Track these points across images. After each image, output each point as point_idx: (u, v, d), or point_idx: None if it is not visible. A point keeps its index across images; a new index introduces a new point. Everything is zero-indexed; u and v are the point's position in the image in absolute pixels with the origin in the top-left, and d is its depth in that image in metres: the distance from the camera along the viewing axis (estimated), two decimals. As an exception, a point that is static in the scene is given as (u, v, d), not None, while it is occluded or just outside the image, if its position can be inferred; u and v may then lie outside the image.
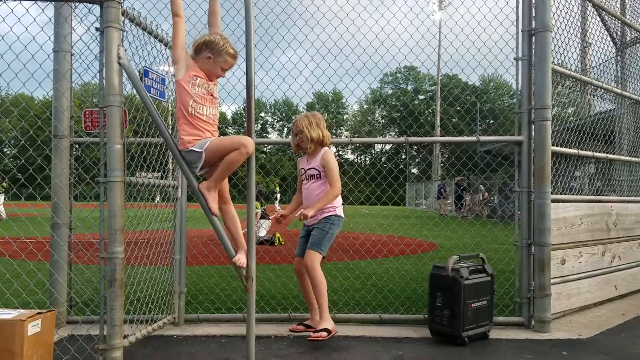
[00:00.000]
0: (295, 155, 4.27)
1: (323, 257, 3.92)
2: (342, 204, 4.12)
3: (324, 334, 3.69)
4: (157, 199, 4.36)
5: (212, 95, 3.10)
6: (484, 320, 3.91)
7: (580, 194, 5.07)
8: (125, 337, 3.23)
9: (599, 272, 4.93)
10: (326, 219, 3.95)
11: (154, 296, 4.01)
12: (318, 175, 4.00)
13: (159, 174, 4.15)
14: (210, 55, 3.06)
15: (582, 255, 4.71)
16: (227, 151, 2.95)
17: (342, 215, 4.06)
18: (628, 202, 5.57)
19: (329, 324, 3.78)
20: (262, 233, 10.65)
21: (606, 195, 5.45)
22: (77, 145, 4.10)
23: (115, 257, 3.05)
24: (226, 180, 3.15)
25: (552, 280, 4.24)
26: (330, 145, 4.13)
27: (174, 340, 3.86)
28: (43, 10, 3.50)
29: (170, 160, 4.29)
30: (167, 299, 4.19)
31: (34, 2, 3.23)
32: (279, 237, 10.62)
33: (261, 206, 11.12)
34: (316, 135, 3.99)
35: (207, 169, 3.08)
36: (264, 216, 10.92)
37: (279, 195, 29.80)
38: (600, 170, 5.48)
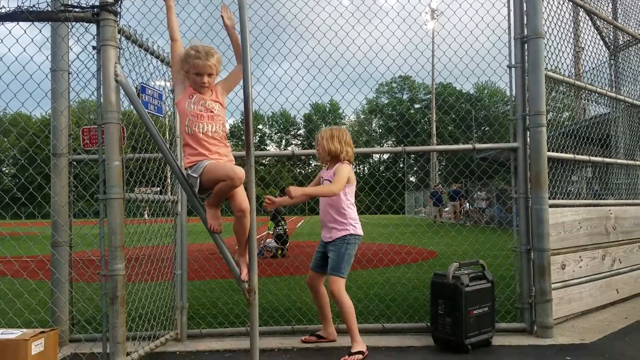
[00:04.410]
0: (297, 165, 4.19)
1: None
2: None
3: (360, 356, 3.68)
4: (145, 215, 4.35)
5: (210, 111, 3.03)
6: (486, 327, 3.91)
7: (578, 198, 5.09)
8: (128, 354, 3.23)
9: (600, 276, 4.94)
10: (342, 239, 3.85)
11: (156, 312, 4.01)
12: None
13: (158, 189, 4.16)
14: (185, 69, 3.04)
15: (582, 260, 4.72)
16: (218, 180, 2.90)
17: (360, 232, 3.92)
18: (626, 205, 5.59)
19: (362, 346, 3.75)
20: (272, 245, 10.60)
21: (604, 198, 5.47)
22: (75, 163, 4.12)
23: (116, 274, 3.05)
24: (242, 192, 3.01)
25: (553, 285, 4.25)
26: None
27: (177, 357, 3.85)
28: (40, 31, 3.53)
29: (169, 175, 4.31)
30: (169, 315, 4.18)
31: (31, 22, 3.26)
32: (281, 251, 10.57)
33: (275, 226, 10.90)
34: (333, 148, 3.89)
35: (210, 191, 3.06)
36: (279, 235, 10.69)
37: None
38: (597, 174, 5.50)
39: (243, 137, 3.02)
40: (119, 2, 3.13)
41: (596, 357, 3.61)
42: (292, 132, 72.62)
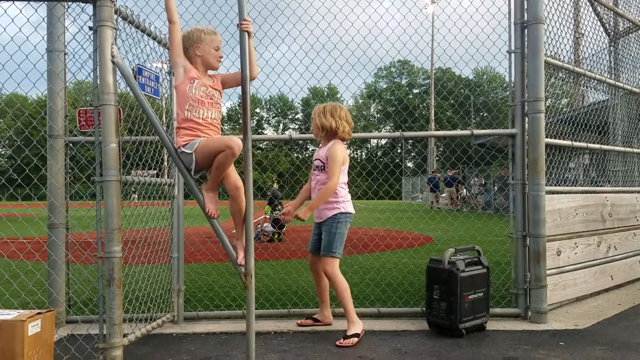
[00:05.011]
0: (294, 150, 4.17)
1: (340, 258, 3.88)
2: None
3: (355, 339, 3.69)
4: (135, 196, 4.34)
5: (211, 98, 3.07)
6: (480, 312, 3.93)
7: (575, 185, 5.10)
8: (125, 335, 3.24)
9: (595, 263, 4.96)
10: (332, 218, 3.85)
11: (153, 295, 4.02)
12: (322, 167, 3.89)
13: (155, 172, 4.14)
14: (196, 45, 3.06)
15: (577, 246, 4.74)
16: (215, 153, 2.91)
17: (351, 210, 3.92)
18: (623, 192, 5.60)
19: (358, 326, 3.78)
20: (269, 229, 10.61)
21: (601, 185, 5.48)
22: (71, 145, 4.10)
23: (113, 257, 3.05)
24: (235, 171, 3.08)
25: (548, 272, 4.27)
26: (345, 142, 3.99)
27: (174, 338, 3.88)
28: (36, 10, 3.49)
29: (166, 158, 4.29)
30: (166, 297, 4.20)
31: (27, 2, 3.21)
32: (277, 235, 10.60)
33: (272, 210, 10.86)
34: (326, 123, 3.86)
35: (205, 171, 3.07)
36: (276, 219, 10.63)
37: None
38: (594, 161, 5.51)
39: (240, 121, 3.00)
40: (116, -18, 3.09)
41: (589, 343, 3.64)
42: (290, 116, 72.34)
